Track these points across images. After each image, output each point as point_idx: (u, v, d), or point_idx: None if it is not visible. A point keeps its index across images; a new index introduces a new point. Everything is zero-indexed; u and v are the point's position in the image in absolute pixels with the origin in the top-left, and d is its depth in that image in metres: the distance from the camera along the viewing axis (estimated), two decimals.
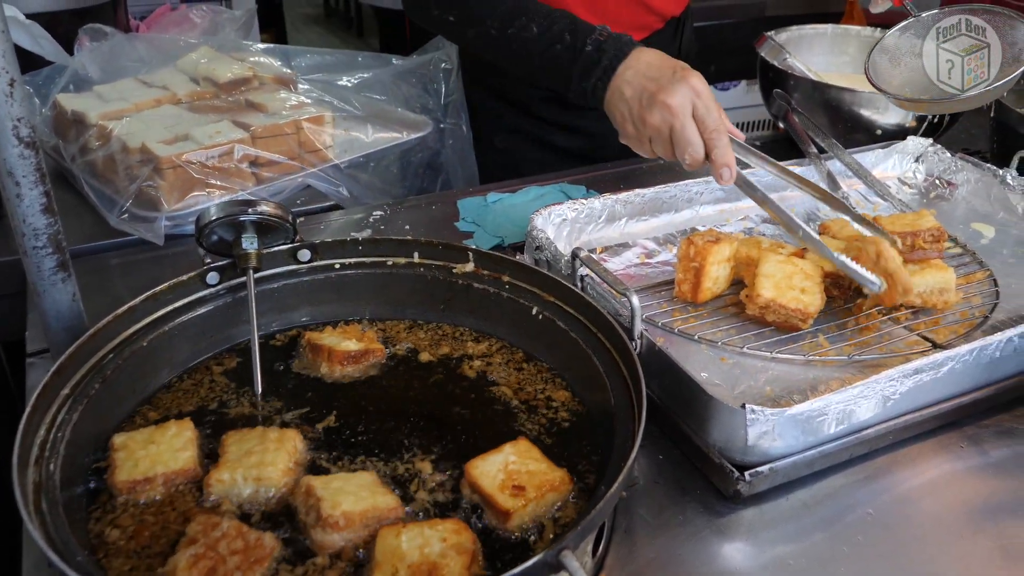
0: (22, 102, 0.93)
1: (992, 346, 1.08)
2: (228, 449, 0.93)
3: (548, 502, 0.88)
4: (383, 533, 0.82)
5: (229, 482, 0.89)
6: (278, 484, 0.90)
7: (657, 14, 1.87)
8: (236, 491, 0.89)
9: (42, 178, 0.98)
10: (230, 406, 1.03)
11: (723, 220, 1.55)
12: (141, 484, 0.89)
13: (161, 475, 0.90)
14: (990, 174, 1.62)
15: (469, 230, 1.58)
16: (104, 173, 1.61)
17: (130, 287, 1.37)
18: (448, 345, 1.15)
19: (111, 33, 2.01)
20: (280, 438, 0.94)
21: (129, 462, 0.91)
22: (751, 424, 0.94)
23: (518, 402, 1.05)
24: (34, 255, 1.02)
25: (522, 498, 0.86)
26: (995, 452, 1.09)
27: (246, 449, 0.92)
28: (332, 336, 1.13)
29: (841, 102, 1.79)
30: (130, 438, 0.94)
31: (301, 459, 0.95)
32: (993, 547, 0.94)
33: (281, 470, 0.90)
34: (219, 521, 0.82)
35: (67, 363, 0.95)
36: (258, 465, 0.90)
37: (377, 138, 1.82)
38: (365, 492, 0.88)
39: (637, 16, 1.84)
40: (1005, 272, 1.40)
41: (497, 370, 1.10)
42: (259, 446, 0.92)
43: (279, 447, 0.92)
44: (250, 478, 0.89)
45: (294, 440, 0.95)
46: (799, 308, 1.18)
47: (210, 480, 0.89)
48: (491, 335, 1.16)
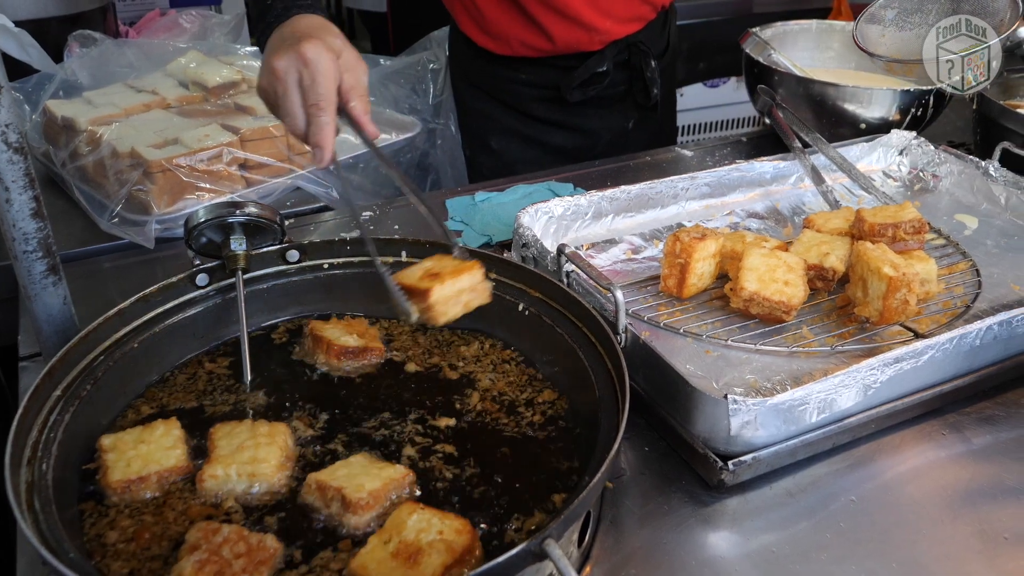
0: (10, 108, 0.95)
1: (972, 334, 1.10)
2: (218, 444, 0.94)
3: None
4: (404, 506, 0.84)
5: (223, 478, 0.90)
6: (271, 479, 0.91)
7: (649, 3, 1.90)
8: (230, 487, 0.90)
9: (31, 183, 0.99)
10: (218, 402, 1.05)
11: (709, 215, 1.56)
12: (136, 483, 0.90)
13: (155, 473, 0.91)
14: (973, 166, 1.64)
15: (458, 229, 1.59)
16: (94, 178, 1.63)
17: (121, 290, 1.38)
18: (438, 352, 1.15)
19: (100, 39, 2.02)
20: (271, 432, 0.95)
21: (121, 462, 0.92)
22: (733, 414, 0.95)
23: (501, 399, 1.06)
24: (24, 259, 1.03)
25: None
26: (976, 439, 1.10)
27: (237, 444, 0.93)
28: (335, 328, 1.13)
29: (825, 97, 1.80)
30: (119, 439, 0.95)
31: (292, 453, 0.96)
32: (972, 531, 0.96)
33: (274, 465, 0.91)
34: (219, 527, 0.83)
35: (58, 365, 0.96)
36: (252, 461, 0.91)
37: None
38: (373, 469, 0.90)
39: (632, 7, 1.87)
40: (988, 262, 1.42)
41: (484, 368, 1.11)
42: (251, 440, 0.93)
43: (271, 441, 0.93)
44: (244, 474, 0.90)
45: (284, 434, 0.96)
46: (782, 301, 1.20)
47: (203, 476, 0.90)
48: (479, 332, 1.17)
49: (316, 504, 0.89)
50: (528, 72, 1.91)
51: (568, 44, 1.83)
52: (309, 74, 1.08)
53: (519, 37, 1.84)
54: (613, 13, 1.83)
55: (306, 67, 1.08)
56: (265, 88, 1.14)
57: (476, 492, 0.92)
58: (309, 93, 1.08)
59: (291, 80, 1.09)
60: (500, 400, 1.06)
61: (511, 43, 1.85)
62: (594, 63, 1.86)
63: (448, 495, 0.92)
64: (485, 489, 0.93)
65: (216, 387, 1.07)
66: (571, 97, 1.89)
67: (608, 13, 1.82)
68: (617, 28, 1.86)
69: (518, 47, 1.85)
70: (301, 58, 1.08)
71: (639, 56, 1.90)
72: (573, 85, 1.87)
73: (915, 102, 1.78)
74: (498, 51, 1.88)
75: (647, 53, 1.90)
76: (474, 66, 1.96)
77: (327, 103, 1.08)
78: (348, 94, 1.11)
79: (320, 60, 1.08)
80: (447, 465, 0.96)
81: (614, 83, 1.92)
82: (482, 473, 0.95)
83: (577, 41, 1.83)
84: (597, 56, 1.86)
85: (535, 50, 1.85)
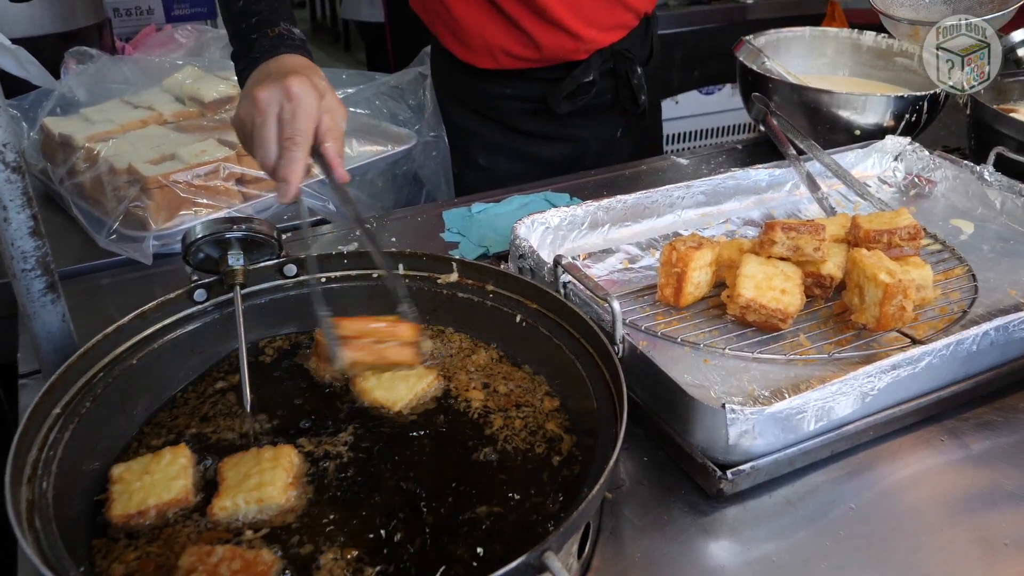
0: (7, 127, 0.95)
1: (968, 340, 1.10)
2: (226, 476, 0.94)
3: None
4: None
5: (232, 508, 0.91)
6: (279, 501, 0.91)
7: (632, 11, 1.90)
8: (240, 515, 0.91)
9: (29, 202, 0.99)
10: (222, 428, 1.04)
11: (705, 224, 1.57)
12: (135, 517, 0.90)
13: (154, 507, 0.91)
14: (968, 171, 1.65)
15: (455, 240, 1.59)
16: (92, 195, 1.63)
17: (120, 306, 1.37)
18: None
19: (97, 55, 2.03)
20: (275, 456, 0.95)
21: (124, 495, 0.92)
22: (731, 423, 0.95)
23: (499, 409, 1.06)
24: (23, 277, 1.03)
25: None
26: (975, 445, 1.10)
27: (244, 472, 0.94)
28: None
29: (820, 103, 1.81)
30: (127, 469, 0.95)
31: (299, 472, 0.96)
32: (971, 537, 0.96)
33: (280, 488, 0.92)
34: (213, 548, 0.83)
35: (58, 383, 0.96)
36: (257, 487, 0.91)
37: (362, 152, 1.84)
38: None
39: (615, 15, 1.88)
40: (984, 267, 1.43)
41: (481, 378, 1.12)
42: (255, 468, 0.94)
43: (275, 465, 0.94)
44: (252, 500, 0.91)
45: (289, 456, 0.96)
46: (779, 308, 1.20)
47: (214, 509, 0.90)
48: (479, 343, 1.18)
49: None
50: (514, 86, 1.91)
51: (554, 52, 1.84)
52: (291, 108, 1.08)
53: (503, 47, 1.83)
54: (596, 21, 1.84)
55: (289, 101, 1.08)
56: (242, 118, 1.13)
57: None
58: (287, 127, 1.08)
59: (271, 112, 1.09)
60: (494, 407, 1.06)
61: (495, 55, 1.85)
62: (580, 73, 1.87)
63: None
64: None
65: (219, 412, 1.07)
66: (559, 109, 1.90)
67: (591, 21, 1.83)
68: (601, 36, 1.86)
69: (503, 59, 1.85)
70: (286, 91, 1.08)
71: (624, 63, 1.91)
72: (561, 96, 1.88)
73: (909, 108, 1.79)
74: (482, 65, 1.88)
75: (632, 60, 1.91)
76: (458, 83, 1.96)
77: (303, 139, 1.08)
78: (325, 135, 1.11)
79: (304, 96, 1.09)
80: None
81: (601, 92, 1.93)
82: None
83: (563, 49, 1.84)
84: (583, 66, 1.86)
85: (521, 60, 1.85)
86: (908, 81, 2.03)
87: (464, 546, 0.87)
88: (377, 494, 0.94)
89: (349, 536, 0.89)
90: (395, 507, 0.92)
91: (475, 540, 0.87)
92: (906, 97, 1.78)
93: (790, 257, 1.27)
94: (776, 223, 1.27)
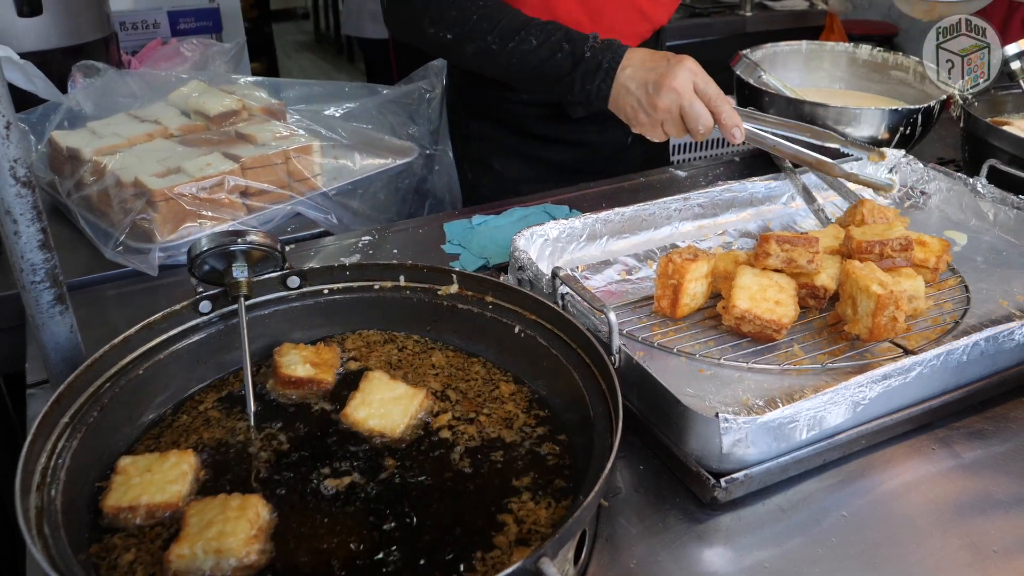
0: (18, 143, 0.98)
1: (959, 350, 1.12)
2: (189, 521, 0.90)
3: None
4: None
5: (189, 556, 0.86)
6: (239, 554, 0.87)
7: (650, 22, 1.95)
8: (197, 565, 0.86)
9: (38, 215, 1.02)
10: (226, 437, 1.05)
11: (702, 236, 1.59)
12: (124, 511, 0.91)
13: (144, 505, 0.91)
14: (961, 183, 1.67)
15: (455, 252, 1.62)
16: (99, 207, 1.66)
17: (126, 317, 1.41)
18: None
19: (104, 69, 2.06)
20: (241, 505, 0.91)
21: (122, 488, 0.93)
22: (725, 432, 0.97)
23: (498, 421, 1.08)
24: (32, 289, 1.06)
25: None
26: (966, 454, 1.12)
27: (207, 520, 0.89)
28: (296, 354, 1.14)
29: (816, 117, 1.83)
30: (132, 463, 0.96)
31: (264, 524, 0.91)
32: (962, 544, 0.98)
33: (242, 540, 0.87)
34: None
35: (66, 393, 0.98)
36: (218, 536, 0.87)
37: (364, 165, 1.87)
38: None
39: (633, 25, 1.91)
40: (977, 278, 1.45)
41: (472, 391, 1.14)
42: (220, 515, 0.89)
43: (240, 515, 0.90)
44: (210, 551, 0.86)
45: (256, 506, 0.92)
46: (773, 319, 1.22)
47: (170, 556, 0.86)
48: (475, 356, 1.20)
49: None
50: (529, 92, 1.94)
51: None
52: (702, 78, 1.46)
53: None
54: (615, 29, 1.87)
55: (696, 75, 1.45)
56: (668, 107, 1.46)
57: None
58: (708, 89, 1.46)
59: (691, 90, 1.44)
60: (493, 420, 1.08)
61: None
62: None
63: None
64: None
65: (222, 422, 1.08)
66: (575, 113, 1.93)
67: (610, 29, 1.86)
68: None
69: None
70: (691, 69, 1.45)
71: None
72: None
73: (904, 121, 1.81)
74: None
75: None
76: (474, 92, 2.00)
77: (722, 94, 1.45)
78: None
79: (700, 67, 1.46)
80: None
81: None
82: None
83: None
84: None
85: None
86: (903, 94, 2.06)
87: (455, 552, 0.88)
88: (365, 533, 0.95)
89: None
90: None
91: (471, 547, 0.89)
92: (900, 110, 1.81)
93: (784, 269, 1.30)
94: (771, 236, 1.30)
